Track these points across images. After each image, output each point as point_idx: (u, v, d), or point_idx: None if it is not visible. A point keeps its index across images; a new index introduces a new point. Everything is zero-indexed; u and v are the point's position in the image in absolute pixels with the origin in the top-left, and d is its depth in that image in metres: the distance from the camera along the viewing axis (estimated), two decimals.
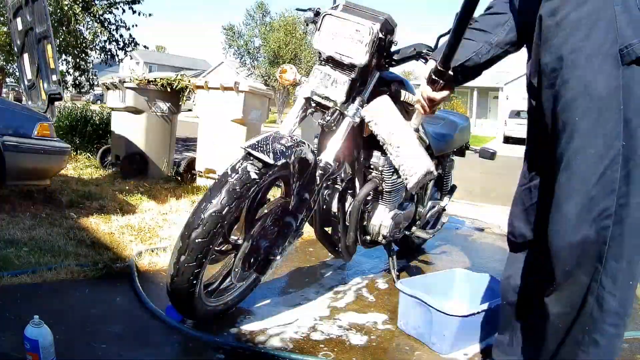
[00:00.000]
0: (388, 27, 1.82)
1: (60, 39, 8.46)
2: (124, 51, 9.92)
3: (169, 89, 4.60)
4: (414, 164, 1.70)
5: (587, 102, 0.94)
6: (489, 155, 2.96)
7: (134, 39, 9.89)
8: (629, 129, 0.90)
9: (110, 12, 9.40)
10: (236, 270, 1.75)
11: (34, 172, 3.12)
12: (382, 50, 1.85)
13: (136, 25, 9.97)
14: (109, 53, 9.78)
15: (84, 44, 9.20)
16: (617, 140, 0.91)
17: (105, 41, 9.60)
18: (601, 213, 0.93)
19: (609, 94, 0.91)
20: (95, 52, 9.71)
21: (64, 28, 8.41)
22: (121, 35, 9.66)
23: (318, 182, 1.78)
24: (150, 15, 9.56)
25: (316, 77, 1.85)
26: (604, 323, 1.00)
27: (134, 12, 9.44)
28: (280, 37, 23.74)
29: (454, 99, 22.57)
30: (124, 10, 9.43)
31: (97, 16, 8.93)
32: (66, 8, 8.15)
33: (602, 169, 0.92)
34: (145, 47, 10.56)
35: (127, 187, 4.10)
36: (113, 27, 9.54)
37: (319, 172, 1.77)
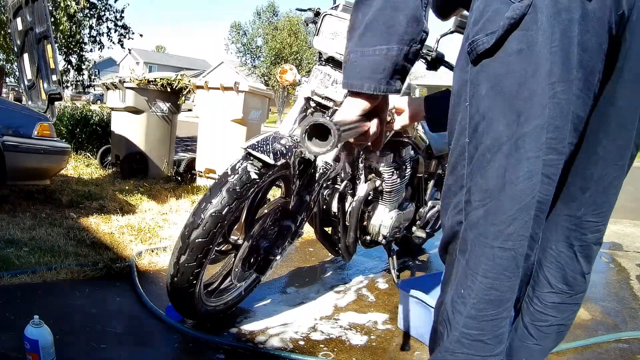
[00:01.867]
0: None
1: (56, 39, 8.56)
2: (119, 40, 10.00)
3: (169, 89, 4.60)
4: None
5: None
6: None
7: (128, 28, 10.01)
8: (472, 126, 0.90)
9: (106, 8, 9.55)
10: (236, 270, 1.75)
11: (34, 172, 3.13)
12: None
13: (128, 5, 10.17)
14: (108, 37, 9.87)
15: (75, 35, 9.29)
16: (462, 136, 0.92)
17: (95, 29, 9.75)
18: (455, 206, 0.95)
19: (459, 90, 0.92)
20: (84, 40, 9.83)
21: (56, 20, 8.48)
22: (115, 24, 9.79)
23: (318, 182, 1.78)
24: None
25: (316, 77, 1.85)
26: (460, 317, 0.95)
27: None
28: (284, 37, 23.76)
29: None
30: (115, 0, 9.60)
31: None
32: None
33: (453, 162, 0.95)
34: (140, 35, 10.69)
35: (127, 187, 4.10)
36: (108, 14, 9.71)
37: (318, 172, 1.77)
